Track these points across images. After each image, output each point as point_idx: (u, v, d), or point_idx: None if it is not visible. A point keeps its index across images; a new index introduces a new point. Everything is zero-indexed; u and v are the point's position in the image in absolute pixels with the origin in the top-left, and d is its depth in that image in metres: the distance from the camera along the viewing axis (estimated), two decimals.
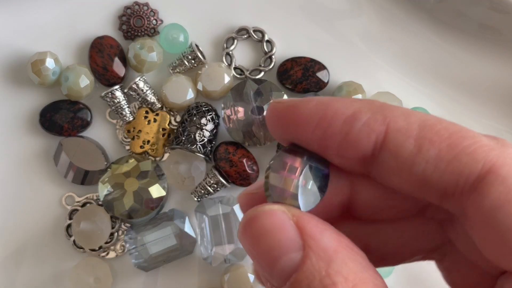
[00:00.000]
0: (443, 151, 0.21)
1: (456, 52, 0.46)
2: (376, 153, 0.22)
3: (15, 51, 0.45)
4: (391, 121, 0.21)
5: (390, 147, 0.21)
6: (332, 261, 0.20)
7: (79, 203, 0.45)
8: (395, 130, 0.21)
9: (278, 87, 0.44)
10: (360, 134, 0.22)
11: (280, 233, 0.21)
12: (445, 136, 0.21)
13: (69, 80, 0.43)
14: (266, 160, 0.45)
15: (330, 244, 0.21)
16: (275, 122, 0.23)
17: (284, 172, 0.22)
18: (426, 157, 0.21)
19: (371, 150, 0.22)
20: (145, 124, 0.45)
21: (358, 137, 0.22)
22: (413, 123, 0.21)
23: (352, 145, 0.22)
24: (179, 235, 0.43)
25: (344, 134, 0.22)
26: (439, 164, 0.21)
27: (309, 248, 0.20)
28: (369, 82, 0.45)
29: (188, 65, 0.45)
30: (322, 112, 0.22)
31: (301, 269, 0.20)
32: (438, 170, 0.21)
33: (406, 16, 0.46)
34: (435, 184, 0.21)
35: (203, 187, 0.44)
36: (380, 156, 0.22)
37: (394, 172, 0.22)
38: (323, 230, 0.21)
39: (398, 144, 0.21)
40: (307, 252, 0.20)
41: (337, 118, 0.22)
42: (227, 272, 0.43)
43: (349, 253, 0.21)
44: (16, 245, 0.44)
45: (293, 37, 0.46)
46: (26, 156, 0.45)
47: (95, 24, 0.45)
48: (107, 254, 0.44)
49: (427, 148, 0.21)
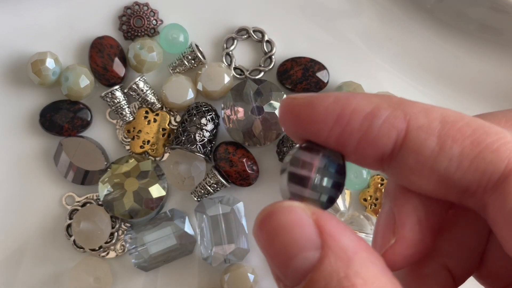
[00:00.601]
0: (466, 148, 0.20)
1: (456, 52, 0.46)
2: (396, 151, 0.21)
3: (15, 51, 0.45)
4: (412, 117, 0.21)
5: (411, 145, 0.21)
6: (351, 262, 0.19)
7: (79, 203, 0.45)
8: (416, 127, 0.21)
9: (278, 87, 0.44)
10: (380, 132, 0.21)
11: (297, 230, 0.20)
12: (468, 133, 0.20)
13: (69, 80, 0.43)
14: (266, 160, 0.45)
15: (349, 244, 0.20)
16: (289, 119, 0.22)
17: (302, 171, 0.21)
18: (449, 155, 0.20)
19: (391, 148, 0.21)
20: (145, 124, 0.45)
21: (378, 135, 0.21)
22: (434, 119, 0.21)
23: (372, 143, 0.21)
24: (179, 235, 0.43)
25: (364, 132, 0.21)
26: (462, 162, 0.20)
27: (328, 247, 0.19)
28: (369, 82, 0.45)
29: (188, 65, 0.45)
30: (340, 109, 0.21)
31: (318, 268, 0.19)
32: (461, 168, 0.20)
33: (406, 16, 0.46)
34: (457, 183, 0.21)
35: (203, 187, 0.44)
36: (400, 154, 0.21)
37: (414, 170, 0.21)
38: (342, 230, 0.20)
39: (420, 142, 0.21)
40: (326, 251, 0.19)
41: (356, 115, 0.21)
42: (227, 272, 0.43)
43: (368, 256, 0.20)
44: (16, 245, 0.45)
45: (293, 37, 0.46)
46: (26, 156, 0.45)
47: (95, 24, 0.45)
48: (107, 254, 0.44)
49: (450, 145, 0.20)
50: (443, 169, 0.20)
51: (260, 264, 0.45)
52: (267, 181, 0.45)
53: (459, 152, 0.20)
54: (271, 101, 0.44)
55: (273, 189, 0.45)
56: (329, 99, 0.21)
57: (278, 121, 0.23)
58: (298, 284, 0.20)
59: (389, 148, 0.21)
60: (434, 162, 0.21)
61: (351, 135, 0.21)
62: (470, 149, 0.20)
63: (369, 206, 0.45)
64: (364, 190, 0.45)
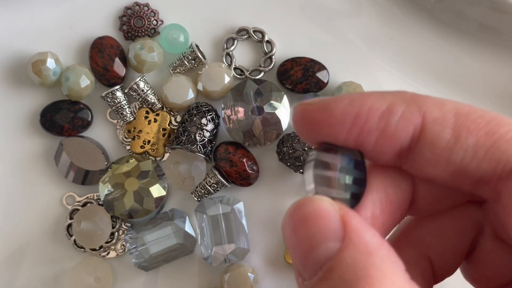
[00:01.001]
0: (481, 139, 0.21)
1: (456, 52, 0.46)
2: (412, 145, 0.22)
3: (15, 51, 0.45)
4: (427, 111, 0.21)
5: (427, 138, 0.21)
6: (371, 256, 0.19)
7: (80, 203, 0.45)
8: (432, 121, 0.21)
9: (278, 87, 0.45)
10: (397, 128, 0.21)
11: (322, 221, 0.20)
12: (482, 124, 0.21)
13: (69, 80, 0.43)
14: (266, 160, 0.45)
15: (372, 241, 0.20)
16: (306, 125, 0.22)
17: (326, 172, 0.22)
18: (465, 146, 0.21)
19: (408, 143, 0.21)
20: (145, 124, 0.45)
21: (395, 131, 0.21)
22: (448, 112, 0.21)
23: (390, 140, 0.21)
24: (179, 235, 0.43)
25: (381, 129, 0.21)
26: (477, 152, 0.21)
27: (350, 239, 0.20)
28: (369, 82, 0.45)
29: (188, 65, 0.45)
30: (357, 109, 0.21)
31: (337, 259, 0.20)
32: (476, 158, 0.21)
33: (406, 16, 0.46)
34: (472, 172, 0.21)
35: (203, 187, 0.44)
36: (417, 148, 0.21)
37: (430, 162, 0.22)
38: (367, 228, 0.20)
39: (436, 135, 0.21)
40: (347, 243, 0.20)
41: (372, 114, 0.21)
42: (227, 272, 0.43)
43: (389, 254, 0.20)
44: (17, 244, 0.45)
45: (293, 37, 0.46)
46: (27, 156, 0.45)
47: (95, 24, 0.46)
48: (108, 253, 0.45)
49: (466, 136, 0.21)
50: (458, 160, 0.21)
51: (260, 264, 0.45)
52: (267, 181, 0.45)
53: (474, 142, 0.21)
54: (271, 101, 0.44)
55: (273, 189, 0.45)
56: (344, 101, 0.22)
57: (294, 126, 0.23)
58: (315, 274, 0.20)
59: (406, 142, 0.22)
60: (450, 154, 0.21)
61: (369, 134, 0.22)
62: (485, 140, 0.21)
63: None
64: None
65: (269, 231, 0.45)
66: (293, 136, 0.44)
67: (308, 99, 0.43)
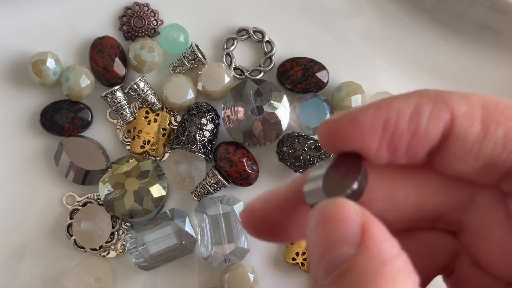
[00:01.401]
0: (510, 130, 0.21)
1: (456, 52, 0.46)
2: (442, 142, 0.22)
3: (15, 51, 0.45)
4: (454, 107, 0.21)
5: (456, 134, 0.21)
6: (384, 265, 0.19)
7: (80, 202, 0.45)
8: (460, 116, 0.21)
9: (278, 87, 0.45)
10: (428, 127, 0.21)
11: (342, 224, 0.20)
12: (510, 115, 0.21)
13: (69, 80, 0.43)
14: (266, 160, 0.45)
15: (388, 251, 0.20)
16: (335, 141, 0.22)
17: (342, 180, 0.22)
18: (494, 138, 0.21)
19: (439, 140, 0.21)
20: (145, 124, 0.45)
21: (426, 131, 0.21)
22: (475, 105, 0.21)
23: (422, 140, 0.21)
24: (180, 234, 0.43)
25: (413, 131, 0.21)
26: (507, 144, 0.21)
27: (365, 246, 0.20)
28: (368, 82, 0.45)
29: (188, 65, 0.45)
30: (385, 115, 0.21)
31: (349, 264, 0.19)
32: (506, 150, 0.21)
33: (406, 16, 0.46)
34: (501, 166, 0.21)
35: (203, 187, 0.44)
36: (446, 144, 0.21)
37: (459, 158, 0.21)
38: (386, 238, 0.20)
39: (465, 130, 0.21)
40: (362, 250, 0.19)
41: (401, 117, 0.21)
42: (227, 272, 0.43)
43: (404, 266, 0.20)
44: (17, 244, 0.45)
45: (293, 37, 0.46)
46: (27, 156, 0.45)
47: (95, 24, 0.46)
48: (108, 253, 0.45)
49: (495, 129, 0.21)
50: (488, 153, 0.21)
51: (260, 263, 0.45)
52: (267, 181, 0.45)
53: (503, 134, 0.21)
54: (271, 101, 0.44)
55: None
56: (370, 110, 0.22)
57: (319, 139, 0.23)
58: (327, 277, 0.20)
59: (437, 140, 0.21)
60: (479, 148, 0.21)
61: (401, 138, 0.21)
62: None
63: None
64: None
65: None
66: (293, 136, 0.44)
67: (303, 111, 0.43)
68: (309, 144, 0.44)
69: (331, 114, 0.45)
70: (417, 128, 0.21)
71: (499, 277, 0.23)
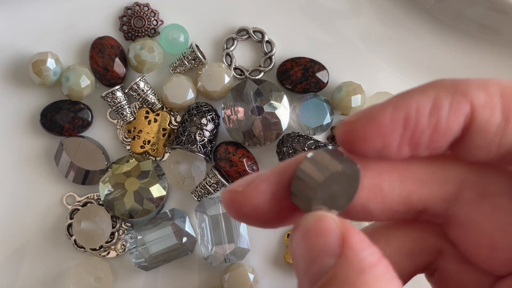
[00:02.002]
0: None
1: (455, 52, 0.46)
2: (464, 134, 0.21)
3: (16, 51, 0.45)
4: (473, 98, 0.21)
5: (477, 125, 0.21)
6: (363, 273, 0.19)
7: (80, 202, 0.45)
8: (480, 107, 0.21)
9: (278, 87, 0.45)
10: (449, 121, 0.21)
11: (323, 237, 0.20)
12: None
13: (70, 80, 0.43)
14: (266, 160, 0.45)
15: (368, 259, 0.20)
16: (355, 142, 0.22)
17: None
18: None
19: (461, 132, 0.21)
20: (145, 124, 0.45)
21: (448, 125, 0.21)
22: (494, 94, 0.21)
23: (444, 134, 0.21)
24: (180, 234, 0.43)
25: (433, 126, 0.21)
26: None
27: (345, 256, 0.20)
28: (368, 82, 0.45)
29: (188, 65, 0.45)
30: (404, 114, 0.21)
31: (330, 274, 0.20)
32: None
33: (406, 16, 0.46)
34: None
35: (203, 187, 0.44)
36: (468, 135, 0.21)
37: (481, 148, 0.21)
38: (366, 247, 0.20)
39: (486, 120, 0.21)
40: (342, 260, 0.20)
41: (421, 114, 0.21)
42: (227, 272, 0.43)
43: (385, 272, 0.20)
44: (17, 244, 0.45)
45: (293, 38, 0.46)
46: (27, 156, 0.45)
47: (95, 24, 0.46)
48: (108, 253, 0.45)
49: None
50: (510, 142, 0.21)
51: (260, 263, 0.45)
52: None
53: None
54: (271, 101, 0.44)
55: None
56: (389, 108, 0.21)
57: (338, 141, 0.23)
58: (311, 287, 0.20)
59: (458, 133, 0.21)
60: (501, 137, 0.21)
61: (423, 134, 0.21)
62: None
63: None
64: None
65: (269, 231, 0.45)
66: (293, 136, 0.44)
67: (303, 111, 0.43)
68: (309, 144, 0.44)
69: (331, 114, 0.45)
70: (438, 123, 0.21)
71: (487, 271, 0.23)
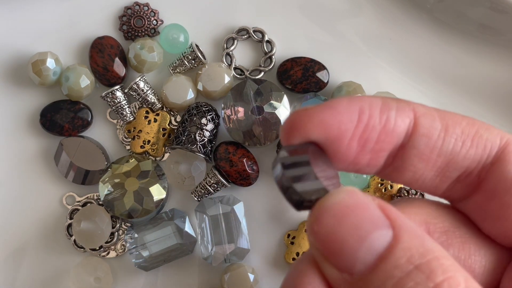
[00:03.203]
0: (465, 128, 0.22)
1: (456, 52, 0.46)
2: (406, 140, 0.23)
3: (15, 51, 0.45)
4: (415, 106, 0.23)
5: (421, 130, 0.22)
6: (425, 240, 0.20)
7: (80, 202, 0.45)
8: (422, 114, 0.22)
9: (278, 87, 0.45)
10: (396, 122, 0.22)
11: (366, 211, 0.20)
12: (460, 117, 0.22)
13: (69, 80, 0.43)
14: (266, 160, 0.45)
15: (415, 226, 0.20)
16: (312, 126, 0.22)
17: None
18: (454, 135, 0.22)
19: (404, 137, 0.22)
20: (145, 124, 0.45)
21: (395, 126, 0.22)
22: (431, 108, 0.23)
23: (391, 135, 0.22)
24: (180, 234, 0.43)
25: (383, 124, 0.22)
26: (465, 140, 0.22)
27: (400, 226, 0.20)
28: (368, 82, 0.45)
29: (188, 65, 0.45)
30: (359, 106, 0.22)
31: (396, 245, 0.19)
32: (465, 147, 0.22)
33: (406, 16, 0.46)
34: (460, 163, 0.22)
35: (203, 187, 0.44)
36: (410, 142, 0.22)
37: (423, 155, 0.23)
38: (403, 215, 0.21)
39: (428, 126, 0.22)
40: (399, 230, 0.20)
41: (374, 108, 0.22)
42: (227, 272, 0.43)
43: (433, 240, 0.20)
44: (17, 244, 0.45)
45: (293, 37, 0.46)
46: (27, 156, 0.45)
47: (95, 24, 0.46)
48: (108, 253, 0.45)
49: (453, 127, 0.22)
50: (450, 149, 0.22)
51: (260, 263, 0.45)
52: (267, 181, 0.45)
53: (460, 131, 0.22)
54: (271, 101, 0.44)
55: (273, 188, 0.45)
56: (344, 99, 0.22)
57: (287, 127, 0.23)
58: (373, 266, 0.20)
59: (403, 136, 0.23)
60: (442, 143, 0.22)
61: (373, 130, 0.22)
62: (468, 129, 0.22)
63: None
64: (364, 190, 0.45)
65: (269, 231, 0.45)
66: None
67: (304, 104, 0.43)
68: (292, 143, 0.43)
69: None
70: (387, 120, 0.22)
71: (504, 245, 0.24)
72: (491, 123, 0.46)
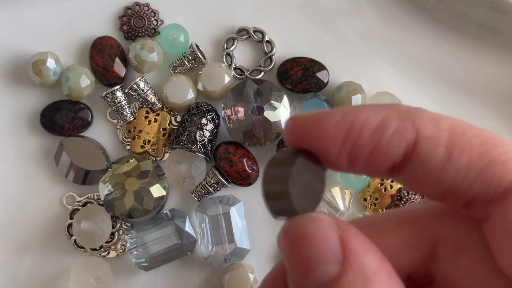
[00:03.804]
0: (474, 159, 0.20)
1: (456, 52, 0.46)
2: (405, 161, 0.21)
3: (15, 51, 0.45)
4: (421, 127, 0.21)
5: (419, 155, 0.21)
6: (369, 283, 0.19)
7: (80, 202, 0.45)
8: (425, 137, 0.21)
9: (278, 87, 0.45)
10: (390, 143, 0.21)
11: (321, 242, 0.20)
12: (476, 144, 0.20)
13: (70, 80, 0.43)
14: (266, 160, 0.45)
15: (371, 265, 0.20)
16: (297, 138, 0.22)
17: None
18: (456, 165, 0.20)
19: (401, 159, 0.21)
20: (145, 124, 0.45)
21: (388, 146, 0.21)
22: (443, 129, 0.21)
23: (383, 155, 0.21)
24: (180, 234, 0.43)
25: (374, 144, 0.21)
26: (469, 173, 0.20)
27: (349, 264, 0.20)
28: (368, 82, 0.45)
29: (189, 65, 0.45)
30: (350, 123, 0.21)
31: (336, 284, 0.19)
32: (468, 179, 0.20)
33: (406, 16, 0.46)
34: (463, 193, 0.21)
35: (204, 187, 0.44)
36: (409, 164, 0.21)
37: (421, 179, 0.21)
38: (367, 249, 0.20)
39: (428, 152, 0.20)
40: (346, 268, 0.20)
41: (366, 128, 0.21)
42: (227, 272, 0.43)
43: (388, 279, 0.20)
44: (17, 244, 0.45)
45: (293, 37, 0.46)
46: (27, 156, 0.45)
47: (95, 24, 0.46)
48: (108, 253, 0.45)
49: (458, 156, 0.20)
50: (450, 180, 0.20)
51: (260, 264, 0.45)
52: None
53: (466, 162, 0.20)
54: (271, 101, 0.44)
55: None
56: (337, 115, 0.21)
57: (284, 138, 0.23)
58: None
59: (399, 158, 0.21)
60: (441, 172, 0.21)
61: (362, 149, 0.21)
62: (478, 160, 0.20)
63: (369, 206, 0.45)
64: (364, 190, 0.45)
65: (269, 231, 0.45)
66: None
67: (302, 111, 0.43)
68: None
69: None
70: (379, 142, 0.21)
71: None
72: (491, 123, 0.46)
